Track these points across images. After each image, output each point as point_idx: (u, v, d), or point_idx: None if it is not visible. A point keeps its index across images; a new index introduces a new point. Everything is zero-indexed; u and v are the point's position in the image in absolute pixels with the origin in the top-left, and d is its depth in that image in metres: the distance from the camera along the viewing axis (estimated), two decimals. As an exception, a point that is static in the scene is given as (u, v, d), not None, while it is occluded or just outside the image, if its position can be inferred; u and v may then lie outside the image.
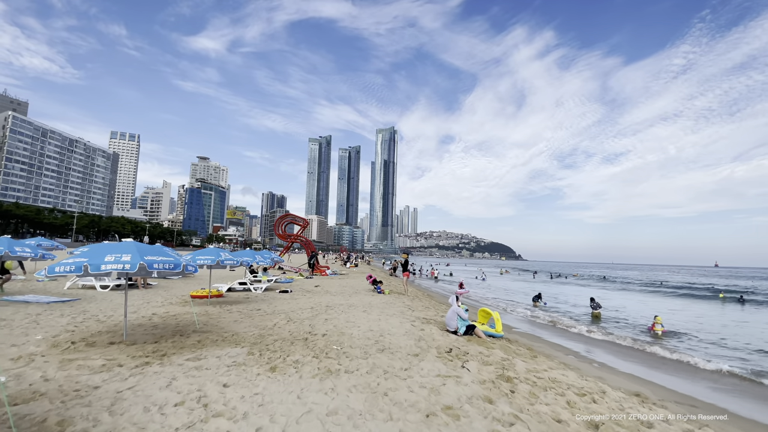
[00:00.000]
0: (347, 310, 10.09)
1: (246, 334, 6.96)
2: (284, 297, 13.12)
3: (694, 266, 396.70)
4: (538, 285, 39.69)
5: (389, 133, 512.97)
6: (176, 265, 6.15)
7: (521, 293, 29.69)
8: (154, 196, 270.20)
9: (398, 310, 10.31)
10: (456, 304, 8.30)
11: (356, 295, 14.02)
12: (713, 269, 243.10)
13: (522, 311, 17.98)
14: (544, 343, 10.15)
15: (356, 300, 12.43)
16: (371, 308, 10.52)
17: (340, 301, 11.95)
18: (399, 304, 11.78)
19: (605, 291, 33.58)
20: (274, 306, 10.79)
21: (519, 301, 23.34)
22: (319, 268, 27.90)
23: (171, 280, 18.75)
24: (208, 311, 9.80)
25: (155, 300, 11.65)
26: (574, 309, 21.12)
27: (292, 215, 31.36)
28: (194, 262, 10.00)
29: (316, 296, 13.43)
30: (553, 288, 35.93)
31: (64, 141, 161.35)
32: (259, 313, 9.45)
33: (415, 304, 12.03)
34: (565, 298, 26.65)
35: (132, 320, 8.36)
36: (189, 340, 6.52)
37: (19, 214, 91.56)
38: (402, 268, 14.61)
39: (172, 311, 9.71)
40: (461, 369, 5.22)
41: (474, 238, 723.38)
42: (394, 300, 12.78)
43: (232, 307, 10.61)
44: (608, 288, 38.96)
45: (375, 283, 15.27)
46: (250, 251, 14.98)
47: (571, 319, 17.98)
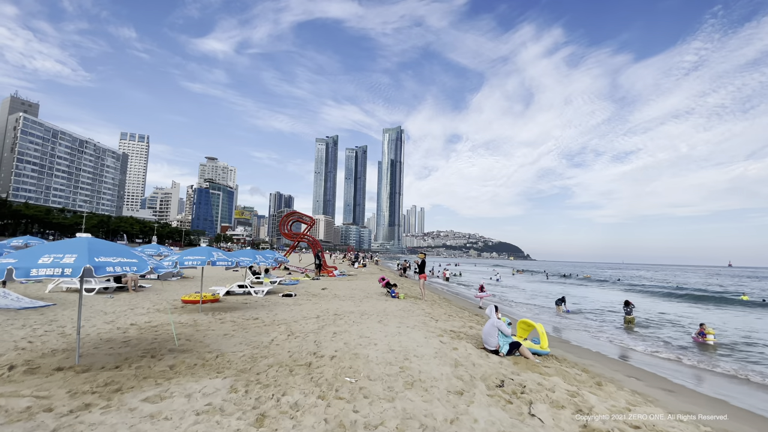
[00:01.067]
0: (359, 319, 8.57)
1: (234, 356, 5.47)
2: (287, 302, 11.66)
3: (708, 266, 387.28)
4: (556, 287, 37.72)
5: (396, 133, 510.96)
6: (139, 267, 4.71)
7: (540, 295, 27.90)
8: (163, 197, 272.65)
9: (419, 320, 8.75)
10: (495, 316, 6.72)
11: (368, 300, 12.50)
12: (727, 269, 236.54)
13: (547, 317, 16.30)
14: (592, 358, 8.51)
15: (368, 306, 10.90)
16: (387, 317, 8.98)
17: (351, 308, 10.44)
18: (418, 311, 10.22)
19: (621, 294, 31.51)
20: (275, 314, 9.33)
21: (538, 304, 21.62)
22: (327, 268, 26.46)
23: (169, 281, 17.47)
24: (198, 321, 8.37)
25: (142, 306, 10.28)
26: (600, 313, 19.36)
27: (299, 213, 29.98)
28: (182, 263, 8.60)
29: (323, 301, 11.94)
30: (570, 290, 33.95)
31: (75, 142, 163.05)
32: (255, 324, 7.98)
33: (435, 312, 10.46)
34: (587, 301, 24.81)
35: (103, 333, 6.95)
36: (160, 364, 5.06)
37: (29, 214, 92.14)
38: (419, 269, 13.04)
39: (156, 320, 8.30)
40: (529, 417, 3.65)
41: (482, 237, 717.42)
42: (411, 306, 11.22)
43: (227, 314, 9.17)
44: (623, 290, 36.80)
45: (388, 286, 13.74)
46: (251, 250, 13.58)
47: (603, 323, 16.29)
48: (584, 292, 33.03)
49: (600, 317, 18.22)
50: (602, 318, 17.88)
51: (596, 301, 26.11)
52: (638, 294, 31.83)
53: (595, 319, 17.41)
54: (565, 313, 18.39)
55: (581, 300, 25.57)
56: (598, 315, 19.33)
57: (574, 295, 28.19)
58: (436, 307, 11.56)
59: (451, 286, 31.70)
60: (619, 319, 17.49)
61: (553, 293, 29.17)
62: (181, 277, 19.29)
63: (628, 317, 16.13)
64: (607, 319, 17.32)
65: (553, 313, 18.15)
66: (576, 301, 23.70)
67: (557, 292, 30.32)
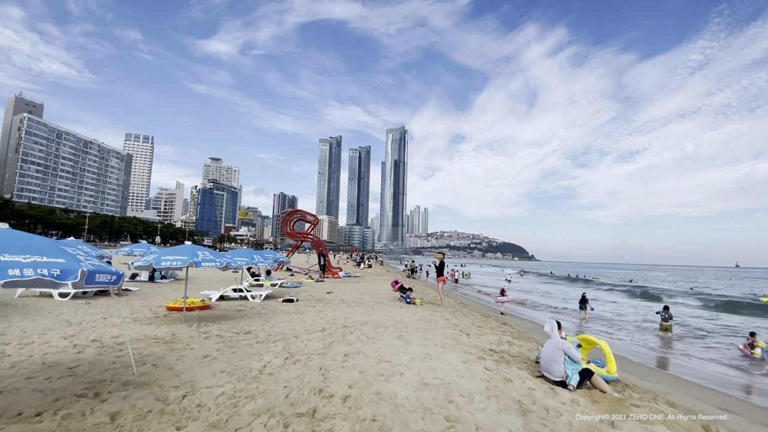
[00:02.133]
0: (375, 333, 6.99)
1: (209, 395, 3.92)
2: (288, 309, 10.11)
3: (715, 267, 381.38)
4: (569, 288, 35.83)
5: (399, 133, 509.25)
6: (63, 274, 3.17)
7: (557, 297, 26.18)
8: (168, 197, 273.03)
9: (447, 335, 7.16)
10: (559, 335, 5.12)
11: (380, 307, 10.92)
12: (734, 270, 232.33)
13: (571, 323, 14.63)
14: (658, 379, 6.92)
15: (382, 315, 9.32)
16: (408, 330, 7.40)
17: (362, 317, 8.86)
18: (441, 322, 8.62)
19: (635, 299, 29.62)
20: (272, 325, 7.78)
21: (558, 306, 19.85)
22: (331, 269, 24.94)
23: (159, 284, 16.01)
24: (177, 334, 6.85)
25: (118, 314, 8.79)
26: (626, 318, 17.67)
27: (302, 211, 28.46)
28: (158, 264, 7.10)
29: (329, 308, 10.38)
30: (580, 292, 32.09)
31: (79, 142, 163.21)
32: (246, 340, 6.44)
33: (462, 323, 8.85)
34: (607, 305, 23.04)
35: (51, 354, 5.44)
36: (101, 409, 3.52)
37: (32, 214, 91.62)
38: (437, 271, 11.44)
39: (131, 332, 6.80)
40: None
41: (486, 238, 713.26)
42: (432, 315, 9.62)
43: (214, 326, 7.64)
44: (633, 293, 34.90)
45: (402, 290, 12.14)
46: (248, 250, 12.08)
47: (636, 330, 14.64)
48: (602, 295, 31.19)
49: (628, 322, 16.56)
50: (631, 323, 16.21)
51: (618, 303, 24.36)
52: (651, 299, 29.95)
53: (625, 324, 15.75)
54: (591, 312, 16.71)
55: (598, 302, 23.84)
56: (623, 319, 17.66)
57: (593, 299, 26.40)
58: (459, 316, 9.95)
59: (461, 287, 30.02)
60: (645, 325, 15.83)
61: (568, 295, 27.39)
62: (175, 279, 17.84)
63: (665, 324, 14.42)
64: (639, 325, 15.64)
65: (577, 318, 16.51)
66: (598, 306, 21.93)
67: (569, 292, 28.57)
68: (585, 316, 16.40)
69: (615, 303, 24.61)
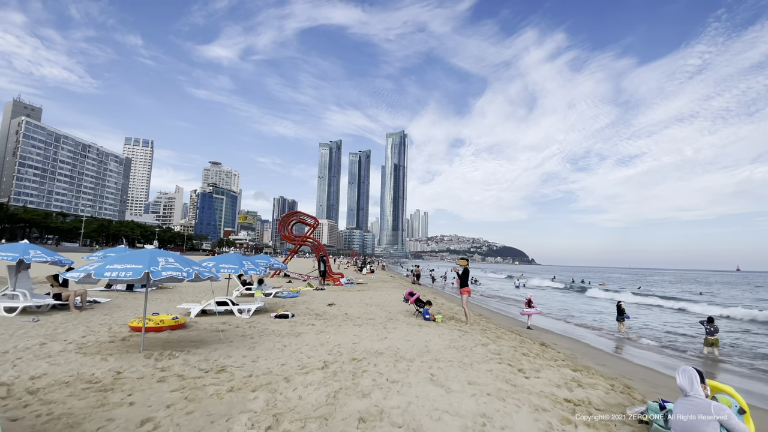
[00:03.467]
0: (396, 372, 5.06)
1: None
2: (280, 329, 8.19)
3: (715, 270, 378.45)
4: (574, 295, 33.70)
5: (399, 137, 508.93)
6: None
7: (574, 307, 24.10)
8: (167, 201, 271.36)
9: (495, 373, 5.24)
10: (702, 389, 3.20)
11: (394, 324, 8.98)
12: (735, 273, 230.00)
13: (608, 339, 12.65)
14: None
15: (399, 337, 7.39)
16: (440, 365, 5.47)
17: (375, 342, 6.93)
18: (478, 349, 6.70)
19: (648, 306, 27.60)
20: (256, 355, 5.86)
21: (579, 312, 17.39)
22: (332, 275, 23.00)
23: (139, 293, 14.06)
24: (124, 372, 4.95)
25: (64, 338, 6.89)
26: (654, 329, 15.74)
27: (301, 213, 26.51)
28: (99, 274, 5.23)
29: (332, 327, 8.45)
30: (595, 299, 29.98)
31: (77, 146, 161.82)
32: (215, 384, 4.53)
33: (502, 348, 6.93)
34: (632, 315, 21.02)
35: None
36: None
37: (27, 218, 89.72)
38: (460, 281, 9.52)
39: (59, 372, 4.91)
40: None
41: (486, 242, 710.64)
42: (461, 337, 7.69)
43: (179, 357, 5.72)
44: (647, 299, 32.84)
45: (419, 303, 10.19)
46: (236, 255, 10.18)
47: (681, 344, 12.74)
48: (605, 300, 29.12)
49: (664, 335, 14.66)
50: (666, 336, 14.30)
51: (637, 311, 22.33)
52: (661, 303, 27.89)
53: (661, 338, 13.85)
54: (627, 320, 14.77)
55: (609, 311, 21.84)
56: (658, 330, 15.77)
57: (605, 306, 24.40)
58: (493, 338, 8.03)
59: (473, 294, 28.03)
60: (686, 338, 13.91)
61: (582, 304, 25.41)
62: (158, 287, 15.91)
63: (711, 338, 12.45)
64: (677, 338, 13.70)
65: (614, 332, 14.58)
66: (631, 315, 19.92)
67: (587, 301, 26.51)
68: (623, 329, 14.49)
69: (640, 312, 22.61)
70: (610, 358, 9.28)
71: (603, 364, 8.34)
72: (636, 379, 7.18)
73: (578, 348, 9.85)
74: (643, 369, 8.50)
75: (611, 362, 8.73)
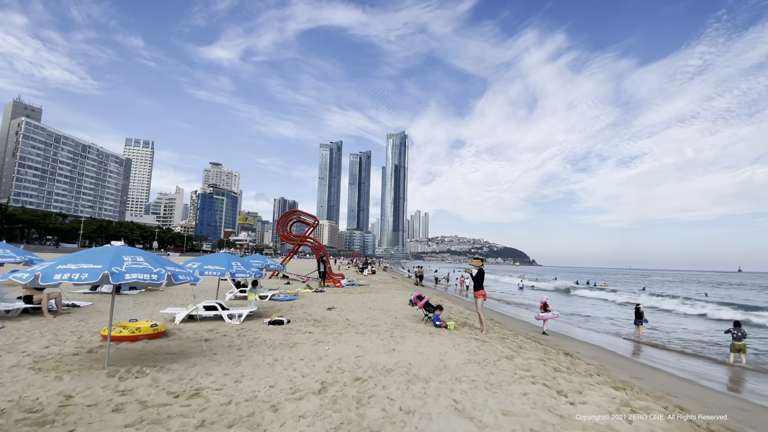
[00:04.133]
0: (411, 396, 4.11)
1: None
2: (273, 338, 7.24)
3: (717, 271, 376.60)
4: (586, 296, 32.61)
5: (400, 138, 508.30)
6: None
7: (585, 306, 23.02)
8: (167, 202, 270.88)
9: (532, 397, 4.27)
10: None
11: (401, 331, 8.02)
12: (737, 274, 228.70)
13: (627, 345, 11.66)
14: None
15: (410, 349, 6.43)
16: (463, 386, 4.51)
17: (382, 356, 5.97)
18: (502, 363, 5.73)
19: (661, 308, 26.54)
20: (240, 373, 4.91)
21: (594, 315, 16.35)
22: (333, 277, 22.05)
23: (125, 296, 13.13)
24: (75, 396, 4.02)
25: (24, 349, 5.96)
26: (681, 334, 14.75)
27: (300, 212, 25.54)
28: (47, 278, 4.29)
29: (331, 336, 7.49)
30: (605, 302, 28.92)
31: (77, 147, 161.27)
32: (183, 416, 3.58)
33: (530, 363, 5.96)
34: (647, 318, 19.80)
35: None
36: None
37: (25, 218, 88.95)
38: (474, 283, 8.55)
39: (6, 392, 3.98)
40: None
41: (486, 243, 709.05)
42: (479, 348, 6.72)
43: (148, 375, 4.77)
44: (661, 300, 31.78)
45: (429, 307, 9.21)
46: (225, 255, 9.24)
47: (704, 348, 11.78)
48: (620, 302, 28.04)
49: (686, 340, 13.70)
50: (685, 341, 13.33)
51: (656, 315, 21.28)
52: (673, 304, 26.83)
53: (684, 343, 12.88)
54: (645, 324, 13.83)
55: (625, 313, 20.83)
56: (674, 333, 14.81)
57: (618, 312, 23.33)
58: (515, 347, 7.06)
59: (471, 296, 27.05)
60: (707, 344, 12.93)
61: (590, 307, 24.40)
62: (147, 289, 14.99)
63: (738, 344, 11.45)
64: (698, 343, 12.71)
65: (630, 335, 13.66)
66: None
67: (566, 300, 25.47)
68: (640, 332, 13.53)
69: (656, 316, 21.58)
70: (642, 369, 8.31)
71: (638, 376, 7.38)
72: (682, 396, 6.22)
73: (604, 357, 8.89)
74: (684, 383, 7.53)
75: (646, 374, 7.77)
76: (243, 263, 9.25)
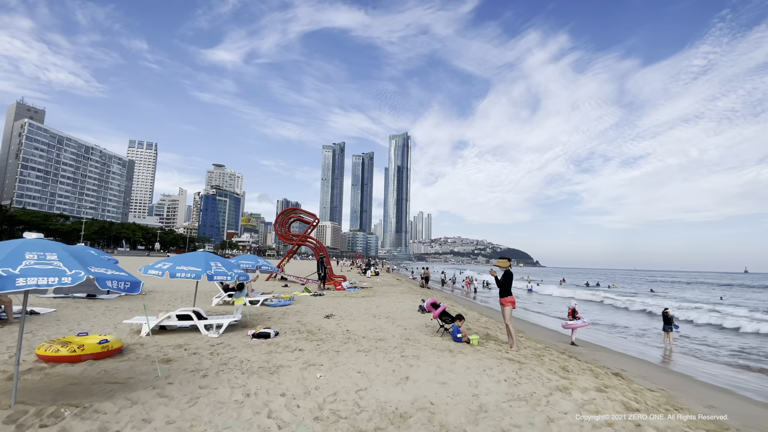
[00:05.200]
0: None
1: None
2: (253, 357, 5.77)
3: (723, 272, 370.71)
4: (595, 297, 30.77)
5: (402, 139, 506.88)
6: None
7: (605, 311, 21.35)
8: (171, 204, 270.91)
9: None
10: None
11: (414, 348, 6.52)
12: (743, 275, 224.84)
13: (657, 354, 10.05)
14: None
15: (428, 375, 4.93)
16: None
17: (393, 390, 4.48)
18: (559, 398, 4.22)
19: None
20: (192, 418, 3.45)
21: (626, 325, 14.59)
22: (333, 279, 20.59)
23: (101, 300, 11.73)
24: None
25: None
26: (701, 341, 13.11)
27: (300, 210, 24.11)
28: None
29: (326, 354, 6.01)
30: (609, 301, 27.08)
31: (80, 148, 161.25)
32: None
33: (593, 396, 4.44)
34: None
35: None
36: None
37: (25, 219, 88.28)
38: (500, 287, 7.05)
39: None
40: None
41: (489, 244, 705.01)
42: (515, 371, 5.21)
43: (65, 420, 3.33)
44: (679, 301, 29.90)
45: (446, 317, 7.63)
46: (204, 254, 7.81)
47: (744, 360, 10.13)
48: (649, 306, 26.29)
49: (714, 347, 12.10)
50: (720, 346, 11.71)
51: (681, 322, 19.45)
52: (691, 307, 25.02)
53: (714, 350, 11.28)
54: (676, 330, 12.28)
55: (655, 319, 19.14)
56: (705, 340, 13.22)
57: (631, 318, 21.60)
58: (561, 371, 5.54)
59: (481, 299, 25.44)
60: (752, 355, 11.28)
61: (607, 312, 22.71)
62: (124, 293, 13.61)
63: None
64: (741, 353, 11.06)
65: (660, 342, 12.13)
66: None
67: (644, 304, 23.72)
68: (670, 341, 11.96)
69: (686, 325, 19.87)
70: (709, 393, 6.76)
71: (710, 405, 5.85)
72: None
73: (653, 375, 7.34)
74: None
75: (716, 399, 6.23)
76: (224, 264, 7.81)
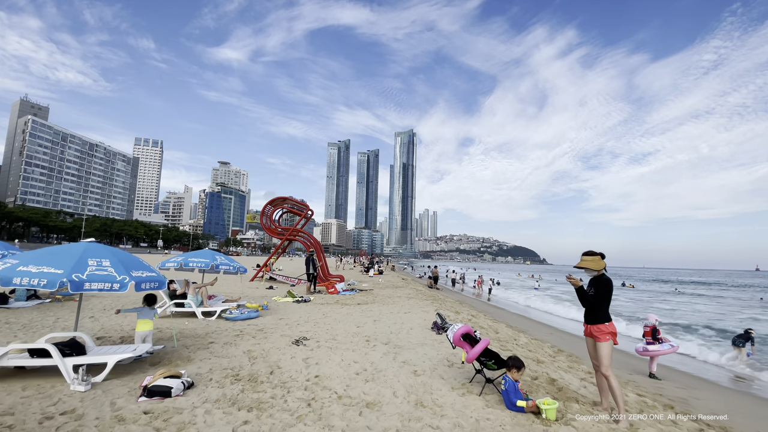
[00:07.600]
0: None
1: None
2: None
3: (734, 270, 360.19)
4: (626, 295, 27.07)
5: (408, 136, 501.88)
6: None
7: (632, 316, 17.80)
8: (176, 201, 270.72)
9: None
10: None
11: (433, 429, 3.31)
12: (755, 273, 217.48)
13: None
14: None
15: None
16: None
17: None
18: None
19: None
20: None
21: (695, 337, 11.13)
22: (327, 279, 17.45)
23: (13, 309, 8.73)
24: None
25: None
26: None
27: (290, 199, 21.01)
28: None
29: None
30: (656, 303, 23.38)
31: (84, 145, 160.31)
32: None
33: None
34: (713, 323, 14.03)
35: None
36: None
37: (24, 216, 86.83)
38: (587, 305, 3.83)
39: None
40: None
41: (496, 241, 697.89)
42: None
43: None
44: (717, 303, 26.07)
45: (488, 361, 4.20)
46: (118, 253, 4.65)
47: None
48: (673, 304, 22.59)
49: None
50: None
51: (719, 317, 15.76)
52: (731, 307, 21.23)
53: None
54: (749, 357, 9.30)
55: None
56: None
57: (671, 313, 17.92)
58: None
59: (496, 302, 22.11)
60: None
61: (640, 309, 19.19)
62: (55, 297, 10.58)
63: None
64: None
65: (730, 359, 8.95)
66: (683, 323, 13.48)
67: (629, 305, 20.10)
68: (744, 357, 9.05)
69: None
70: None
71: None
72: None
73: None
74: None
75: None
76: (145, 267, 4.69)
